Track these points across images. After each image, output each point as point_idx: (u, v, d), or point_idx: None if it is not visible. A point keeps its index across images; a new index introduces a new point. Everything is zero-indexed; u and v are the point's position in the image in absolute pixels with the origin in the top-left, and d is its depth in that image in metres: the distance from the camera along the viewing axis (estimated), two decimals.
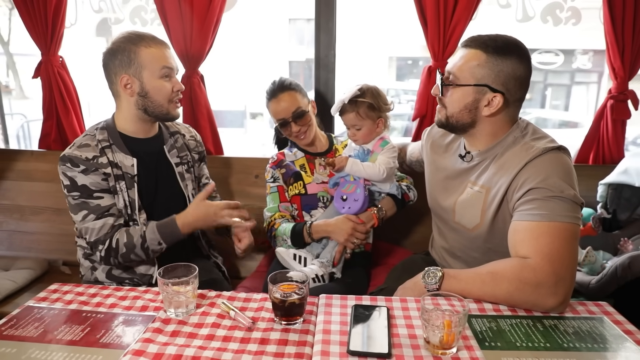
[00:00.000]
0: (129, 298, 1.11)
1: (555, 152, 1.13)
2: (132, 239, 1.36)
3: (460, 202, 1.30)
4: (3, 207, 2.17)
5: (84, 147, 1.38)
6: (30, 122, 6.15)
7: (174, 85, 1.42)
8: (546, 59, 10.20)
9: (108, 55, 1.38)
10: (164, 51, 1.41)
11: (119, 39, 1.38)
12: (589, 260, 1.56)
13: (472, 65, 1.17)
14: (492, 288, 1.07)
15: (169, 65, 1.40)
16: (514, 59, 1.15)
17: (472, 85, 1.19)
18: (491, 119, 1.22)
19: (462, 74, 1.19)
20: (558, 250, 1.03)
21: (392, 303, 1.08)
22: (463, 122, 1.24)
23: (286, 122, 1.61)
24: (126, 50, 1.35)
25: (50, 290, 1.15)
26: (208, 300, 1.10)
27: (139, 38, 1.37)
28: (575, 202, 1.07)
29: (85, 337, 0.94)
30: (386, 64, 11.47)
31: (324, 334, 0.95)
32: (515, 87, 1.18)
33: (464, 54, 1.19)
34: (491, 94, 1.18)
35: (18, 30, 2.96)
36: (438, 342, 0.88)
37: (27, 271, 1.90)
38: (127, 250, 1.36)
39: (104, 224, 1.37)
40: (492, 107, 1.18)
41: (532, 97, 11.63)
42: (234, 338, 0.94)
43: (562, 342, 0.93)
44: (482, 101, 1.19)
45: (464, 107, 1.21)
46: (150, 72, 1.38)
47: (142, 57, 1.36)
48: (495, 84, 1.17)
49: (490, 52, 1.15)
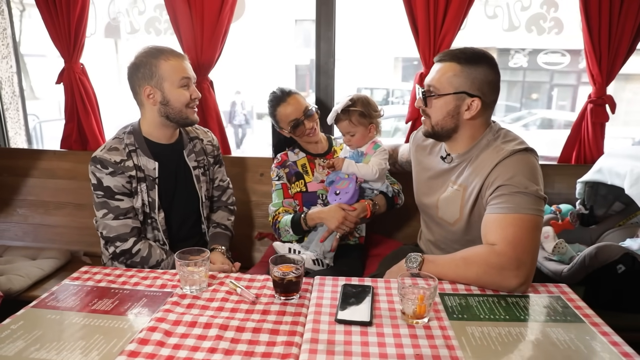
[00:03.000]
0: (150, 278, 1.29)
1: (523, 153, 1.29)
2: (150, 258, 1.54)
3: (442, 200, 1.46)
4: (29, 202, 2.36)
5: (113, 151, 1.52)
6: (42, 122, 6.34)
7: (191, 93, 1.56)
8: (552, 60, 10.28)
9: (132, 69, 1.52)
10: (182, 63, 1.55)
11: (141, 54, 1.52)
12: (559, 251, 1.71)
13: (449, 76, 1.33)
14: (464, 271, 1.23)
15: (187, 75, 1.54)
16: (484, 66, 1.32)
17: (451, 94, 1.35)
18: (471, 122, 1.37)
19: (441, 85, 1.35)
20: (521, 238, 1.19)
21: (377, 283, 1.24)
22: (447, 128, 1.39)
23: (299, 121, 1.75)
24: (148, 64, 1.50)
25: (81, 272, 1.33)
26: (218, 280, 1.27)
27: (159, 52, 1.51)
28: (537, 196, 1.23)
29: (115, 307, 1.12)
30: (392, 64, 11.60)
31: (316, 307, 1.11)
32: (489, 91, 1.34)
33: (439, 67, 1.36)
34: (469, 99, 1.34)
35: (29, 32, 3.12)
36: (412, 312, 1.04)
37: (52, 260, 2.08)
38: (140, 261, 1.52)
39: (124, 224, 1.52)
40: (472, 111, 1.34)
41: (539, 97, 11.72)
42: (240, 310, 1.11)
43: (520, 315, 1.09)
44: (463, 106, 1.35)
45: (447, 113, 1.37)
46: (170, 83, 1.52)
47: (163, 70, 1.50)
48: (472, 89, 1.33)
49: (462, 62, 1.32)
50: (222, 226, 1.81)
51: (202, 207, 1.73)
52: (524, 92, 11.64)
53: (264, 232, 2.19)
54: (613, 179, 1.76)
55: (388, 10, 8.39)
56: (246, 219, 2.21)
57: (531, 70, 11.28)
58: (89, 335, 0.99)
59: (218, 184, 1.85)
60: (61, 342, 0.97)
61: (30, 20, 2.95)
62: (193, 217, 1.74)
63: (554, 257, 1.70)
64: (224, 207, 1.86)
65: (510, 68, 11.41)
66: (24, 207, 2.35)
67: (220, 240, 1.73)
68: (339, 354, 0.92)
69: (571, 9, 2.03)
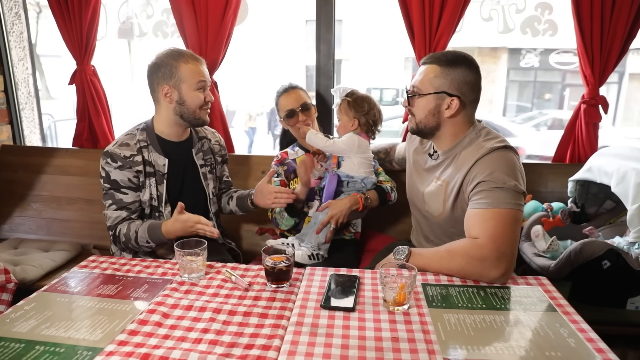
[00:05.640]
0: (152, 267, 1.38)
1: (502, 151, 1.35)
2: (129, 232, 1.59)
3: (427, 194, 1.53)
4: (42, 197, 2.47)
5: (124, 146, 1.62)
6: (57, 122, 6.50)
7: (206, 96, 1.65)
8: (564, 59, 10.21)
9: (152, 68, 1.62)
10: (200, 67, 1.64)
11: (162, 54, 1.61)
12: (553, 249, 1.76)
13: (430, 77, 1.42)
14: (448, 262, 1.30)
15: (204, 79, 1.63)
16: (463, 68, 1.39)
17: (432, 94, 1.43)
18: (452, 120, 1.45)
19: (423, 85, 1.43)
20: (500, 231, 1.25)
21: (363, 274, 1.31)
22: (430, 126, 1.47)
23: (294, 112, 1.86)
24: (168, 65, 1.59)
25: (89, 260, 1.43)
26: (215, 269, 1.36)
27: (179, 55, 1.61)
28: (516, 191, 1.29)
29: (119, 292, 1.21)
30: (402, 64, 11.63)
31: (304, 294, 1.19)
32: (468, 91, 1.42)
33: (422, 69, 1.44)
34: (449, 98, 1.42)
35: (45, 33, 3.23)
36: (392, 300, 1.11)
37: (63, 252, 2.19)
38: (126, 240, 1.60)
39: (118, 215, 1.61)
40: (452, 109, 1.42)
41: (551, 97, 11.64)
42: (234, 296, 1.19)
43: (496, 304, 1.15)
44: (443, 105, 1.43)
45: (429, 112, 1.45)
46: (188, 85, 1.60)
47: (182, 72, 1.59)
48: (451, 89, 1.41)
49: (442, 64, 1.40)
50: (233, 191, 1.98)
51: (209, 203, 1.82)
52: (536, 92, 11.57)
53: (264, 227, 2.27)
54: (602, 178, 1.81)
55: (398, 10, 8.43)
56: (247, 215, 2.28)
57: (543, 70, 11.22)
58: (94, 316, 1.08)
59: (226, 180, 1.98)
60: (69, 321, 1.06)
61: (47, 22, 3.06)
62: (199, 213, 1.81)
63: (547, 254, 1.75)
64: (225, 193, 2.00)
65: (521, 68, 11.36)
66: (38, 202, 2.47)
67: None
68: (320, 336, 1.00)
69: (565, 11, 2.07)
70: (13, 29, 2.64)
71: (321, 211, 1.75)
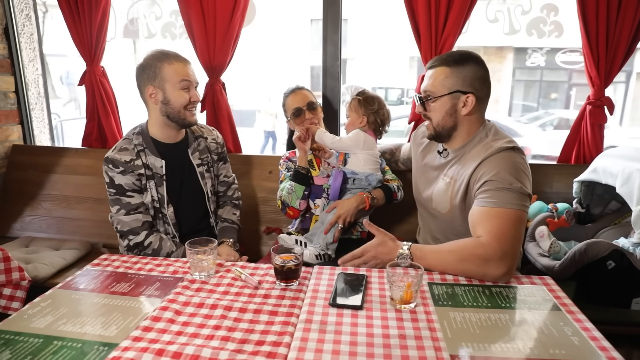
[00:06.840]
0: (163, 265, 1.41)
1: (509, 151, 1.37)
2: (161, 250, 1.65)
3: (435, 191, 1.55)
4: (52, 196, 2.51)
5: (123, 151, 1.65)
6: (63, 121, 6.55)
7: (191, 96, 1.66)
8: (571, 59, 10.16)
9: (139, 70, 1.65)
10: (184, 67, 1.65)
11: (148, 56, 1.64)
12: (554, 250, 1.78)
13: (441, 79, 1.43)
14: (451, 261, 1.32)
15: (187, 78, 1.65)
16: (472, 64, 1.42)
17: (446, 95, 1.44)
18: (468, 118, 1.47)
19: (436, 88, 1.45)
20: (504, 231, 1.27)
21: (371, 273, 1.34)
22: (448, 127, 1.49)
23: (300, 110, 1.90)
24: (152, 66, 1.62)
25: (102, 259, 1.45)
26: (225, 267, 1.38)
27: (163, 56, 1.63)
28: (521, 193, 1.31)
29: (131, 290, 1.24)
30: (407, 64, 11.63)
31: (313, 292, 1.21)
32: (480, 85, 1.44)
33: (431, 73, 1.46)
34: (464, 96, 1.44)
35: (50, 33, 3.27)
36: (399, 298, 1.13)
37: (74, 251, 2.23)
38: (152, 253, 1.64)
39: (135, 218, 1.64)
40: (469, 106, 1.44)
41: (557, 97, 11.58)
42: (244, 294, 1.22)
43: (501, 303, 1.17)
44: (459, 104, 1.45)
45: (445, 113, 1.47)
46: (172, 84, 1.63)
47: (165, 72, 1.61)
48: (464, 87, 1.43)
49: (451, 65, 1.42)
50: (228, 221, 1.92)
51: (208, 202, 1.85)
52: (542, 91, 11.53)
53: (271, 226, 2.30)
54: (607, 179, 1.82)
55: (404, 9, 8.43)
56: (254, 215, 2.33)
57: (549, 70, 11.18)
58: (108, 313, 1.11)
59: (223, 180, 1.96)
60: (84, 317, 1.09)
61: (53, 22, 3.10)
62: (201, 211, 1.86)
63: (549, 255, 1.76)
64: (229, 202, 1.98)
65: (527, 67, 11.33)
66: (48, 201, 2.51)
67: (227, 234, 1.85)
68: (329, 333, 1.02)
69: (571, 12, 2.08)
70: (24, 30, 2.68)
71: (328, 212, 1.77)
